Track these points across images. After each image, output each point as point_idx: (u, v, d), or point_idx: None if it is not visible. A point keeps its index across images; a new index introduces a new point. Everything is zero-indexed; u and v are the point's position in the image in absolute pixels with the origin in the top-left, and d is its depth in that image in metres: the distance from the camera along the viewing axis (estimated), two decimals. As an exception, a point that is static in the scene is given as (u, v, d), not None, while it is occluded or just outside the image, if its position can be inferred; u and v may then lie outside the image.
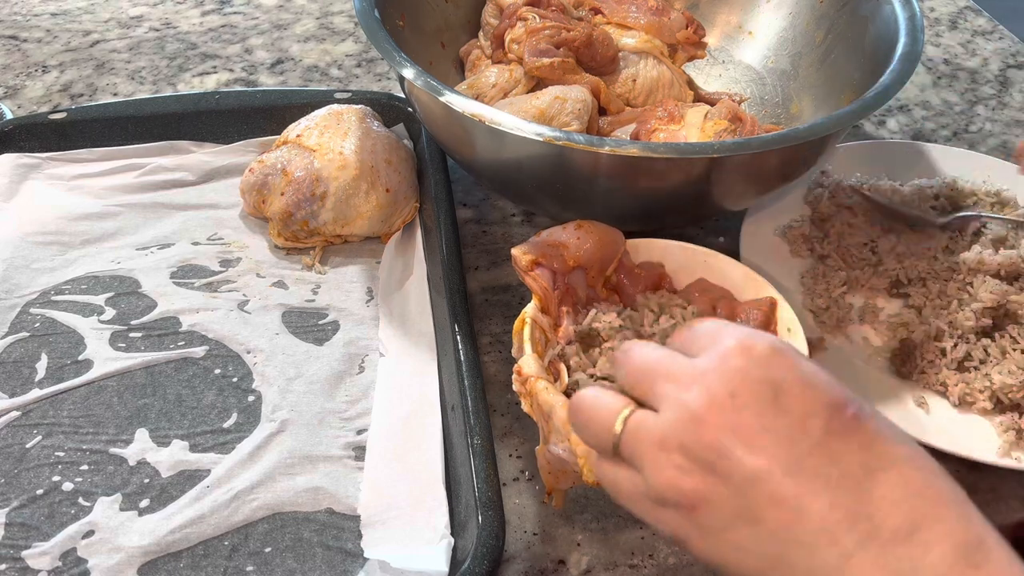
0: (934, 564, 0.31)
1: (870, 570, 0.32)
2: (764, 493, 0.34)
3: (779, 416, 0.34)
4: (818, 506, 0.33)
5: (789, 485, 0.33)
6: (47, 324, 0.65)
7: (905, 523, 0.32)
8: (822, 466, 0.33)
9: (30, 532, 0.53)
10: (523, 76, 0.72)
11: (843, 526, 0.33)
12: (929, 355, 0.61)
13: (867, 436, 0.34)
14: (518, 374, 0.49)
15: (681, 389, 0.36)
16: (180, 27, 0.99)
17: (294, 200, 0.70)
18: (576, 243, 0.56)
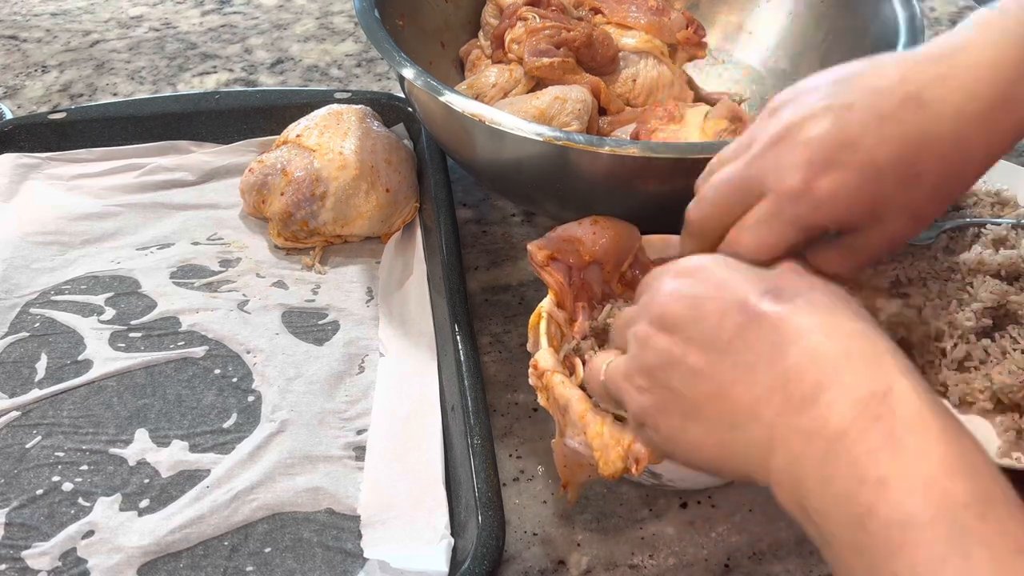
0: (837, 421, 0.34)
1: (788, 436, 0.35)
2: (700, 390, 0.38)
3: (700, 321, 0.39)
4: (739, 389, 0.37)
5: (715, 378, 0.38)
6: (47, 324, 0.65)
7: (811, 387, 0.35)
8: (739, 354, 0.37)
9: (30, 532, 0.53)
10: (523, 76, 0.72)
11: (762, 402, 0.36)
12: (929, 355, 0.61)
13: (777, 317, 0.37)
14: (534, 368, 0.49)
15: (633, 327, 0.42)
16: (180, 27, 0.99)
17: (294, 200, 0.70)
18: (592, 238, 0.56)
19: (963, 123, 0.40)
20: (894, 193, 0.41)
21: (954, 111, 0.40)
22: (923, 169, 0.40)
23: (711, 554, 0.53)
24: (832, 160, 0.41)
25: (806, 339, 0.36)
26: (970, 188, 0.42)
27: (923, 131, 0.40)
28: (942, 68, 0.40)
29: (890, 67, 0.42)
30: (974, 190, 0.72)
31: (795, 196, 0.41)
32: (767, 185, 0.42)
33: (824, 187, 0.41)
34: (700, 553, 0.53)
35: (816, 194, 0.41)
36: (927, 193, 0.41)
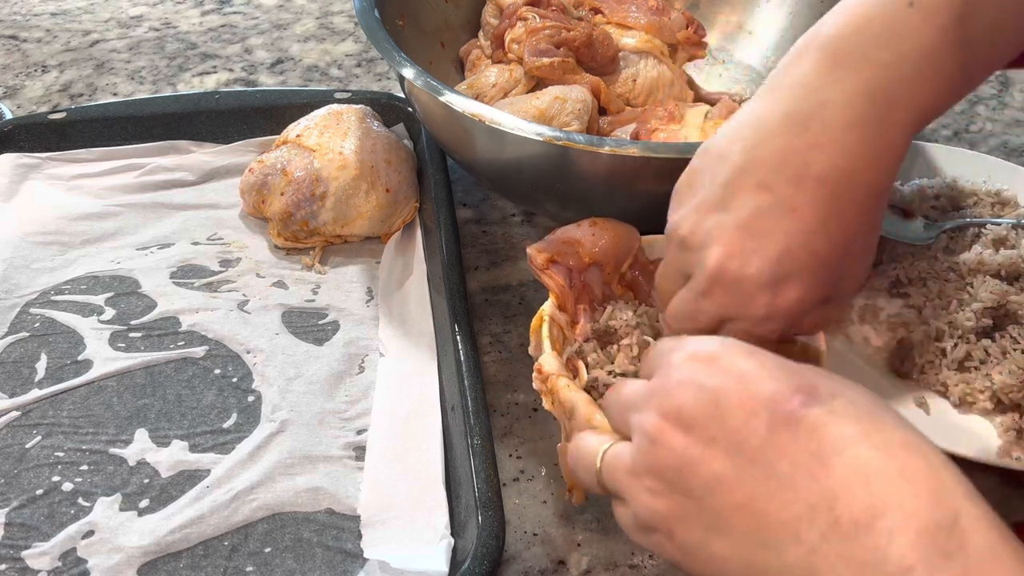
0: (900, 556, 0.29)
1: (836, 565, 0.31)
2: (725, 502, 0.34)
3: (722, 421, 0.34)
4: (774, 506, 0.32)
5: (743, 488, 0.33)
6: (47, 324, 0.65)
7: (865, 511, 0.31)
8: (772, 463, 0.33)
9: (30, 532, 0.53)
10: (523, 76, 0.72)
11: (803, 522, 0.32)
12: (929, 355, 0.61)
13: (814, 422, 0.33)
14: (538, 372, 0.49)
15: (640, 414, 0.37)
16: (180, 27, 0.99)
17: (294, 200, 0.70)
18: (591, 240, 0.56)
19: (859, 175, 0.40)
20: (843, 260, 0.42)
21: (849, 171, 0.40)
22: (852, 228, 0.41)
23: (711, 554, 0.53)
24: (781, 275, 0.41)
25: (852, 451, 0.32)
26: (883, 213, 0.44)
27: (833, 204, 0.40)
28: (813, 136, 0.40)
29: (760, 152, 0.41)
30: (974, 190, 0.72)
31: (764, 318, 0.42)
32: (730, 314, 0.43)
33: (790, 299, 0.41)
34: (700, 553, 0.53)
35: (784, 309, 0.42)
36: (863, 239, 0.42)
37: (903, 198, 0.71)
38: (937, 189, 0.72)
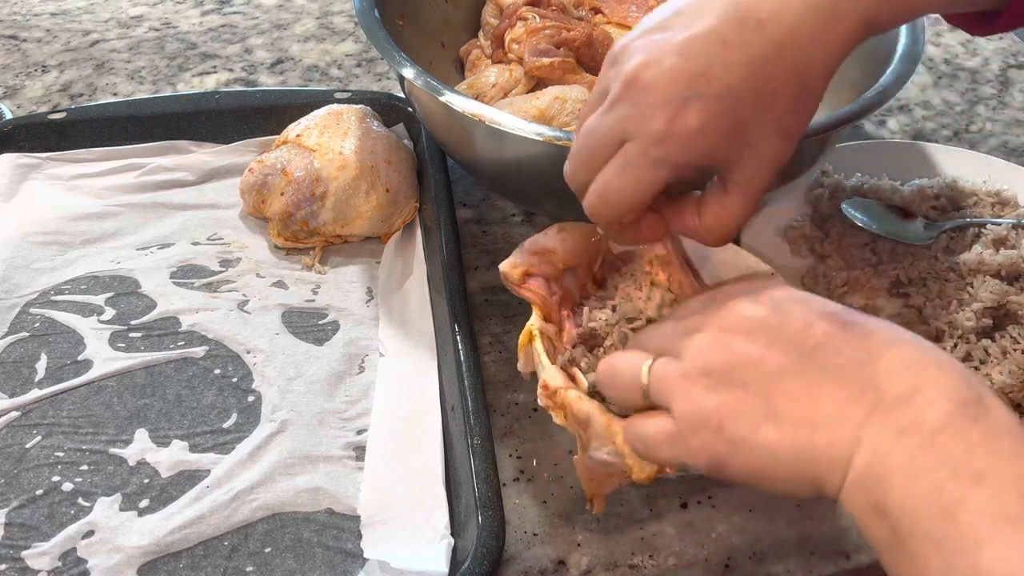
0: (935, 418, 0.34)
1: (878, 432, 0.35)
2: (781, 390, 0.37)
3: (784, 327, 0.39)
4: (829, 390, 0.37)
5: (801, 379, 0.37)
6: (47, 324, 0.65)
7: (907, 388, 0.35)
8: (828, 358, 0.37)
9: (30, 532, 0.53)
10: (523, 76, 0.72)
11: (852, 402, 0.36)
12: (929, 355, 0.61)
13: (865, 331, 0.38)
14: (545, 389, 0.48)
15: (695, 334, 0.41)
16: (180, 27, 0.99)
17: (294, 200, 0.70)
18: (562, 246, 0.55)
19: (800, 39, 0.42)
20: (755, 114, 0.42)
21: (791, 29, 0.42)
22: (775, 86, 0.42)
23: (711, 554, 0.53)
24: (689, 94, 0.41)
25: (898, 348, 0.37)
26: (821, 99, 0.45)
27: (766, 51, 0.42)
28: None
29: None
30: (974, 190, 0.72)
31: (661, 136, 0.42)
32: (629, 131, 0.43)
33: (689, 122, 0.42)
34: (700, 553, 0.53)
35: (682, 130, 0.42)
36: (786, 108, 0.43)
37: (903, 198, 0.71)
38: (937, 189, 0.72)
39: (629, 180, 0.44)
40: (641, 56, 0.43)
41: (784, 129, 0.43)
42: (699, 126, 0.42)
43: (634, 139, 0.43)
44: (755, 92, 0.42)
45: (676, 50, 0.42)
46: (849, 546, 0.54)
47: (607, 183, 0.45)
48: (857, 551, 0.53)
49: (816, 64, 0.43)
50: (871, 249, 0.68)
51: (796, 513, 0.55)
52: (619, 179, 0.44)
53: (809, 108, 0.44)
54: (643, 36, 0.44)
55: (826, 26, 0.42)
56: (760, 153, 0.43)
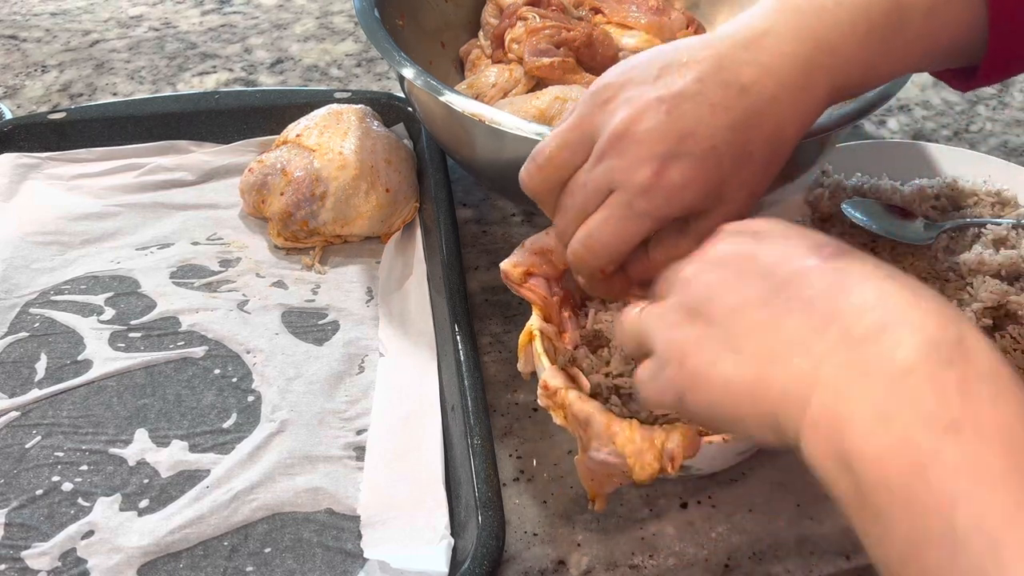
0: (903, 359, 0.31)
1: (838, 371, 0.32)
2: (744, 322, 0.36)
3: (758, 258, 0.38)
4: (791, 321, 0.35)
5: (766, 307, 0.36)
6: (47, 324, 0.65)
7: (875, 324, 0.32)
8: (798, 289, 0.35)
9: (30, 532, 0.53)
10: (523, 76, 0.72)
11: (815, 335, 0.34)
12: (929, 355, 0.61)
13: (846, 262, 0.36)
14: (545, 389, 0.48)
15: (680, 274, 0.41)
16: (180, 27, 0.99)
17: (294, 200, 0.70)
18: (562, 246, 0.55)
19: (778, 106, 0.44)
20: (732, 173, 0.44)
21: (770, 96, 0.44)
22: (753, 148, 0.44)
23: (711, 554, 0.53)
24: (676, 152, 0.43)
25: (873, 281, 0.34)
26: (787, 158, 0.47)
27: (748, 116, 0.44)
28: (752, 54, 0.44)
29: (705, 53, 0.45)
30: (974, 190, 0.72)
31: (646, 189, 0.44)
32: (616, 181, 0.44)
33: (673, 178, 0.43)
34: (700, 553, 0.53)
35: (666, 186, 0.43)
36: (759, 167, 0.45)
37: (903, 198, 0.71)
38: (937, 189, 0.72)
39: (614, 229, 0.45)
40: (629, 110, 0.44)
41: (753, 186, 0.45)
42: (683, 182, 0.43)
43: (620, 189, 0.44)
44: (735, 153, 0.44)
45: (664, 108, 0.43)
46: (849, 546, 0.54)
47: (591, 231, 0.46)
48: (857, 551, 0.53)
49: (790, 129, 0.45)
50: (871, 249, 0.68)
51: (796, 513, 0.55)
52: (603, 228, 0.45)
53: (777, 168, 0.46)
54: (629, 86, 0.45)
55: (802, 92, 0.44)
56: (728, 207, 0.45)
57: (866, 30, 0.44)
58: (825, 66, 0.44)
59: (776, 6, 0.45)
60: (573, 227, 0.47)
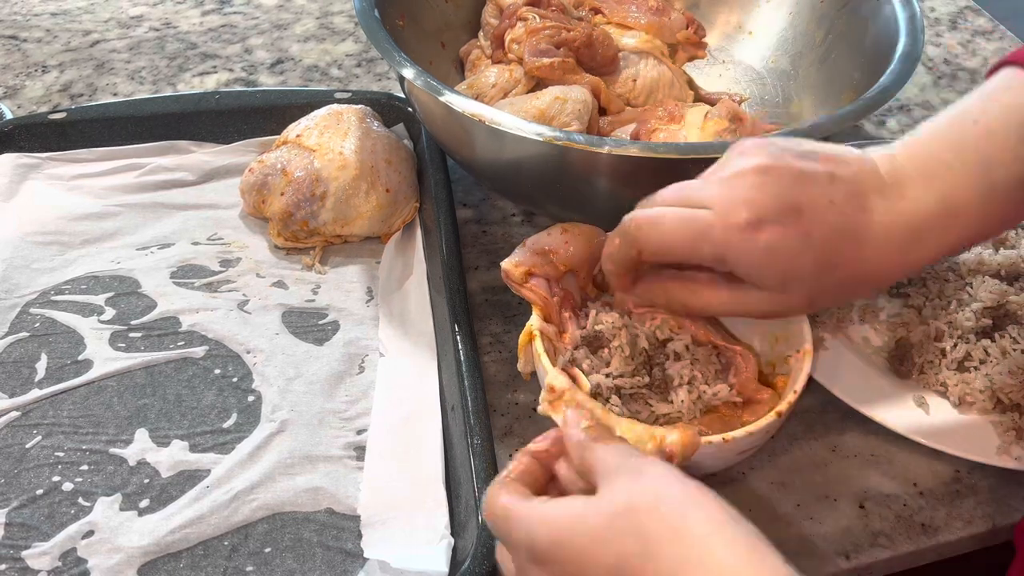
0: None
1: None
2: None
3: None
4: None
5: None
6: (47, 324, 0.65)
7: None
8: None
9: (30, 532, 0.53)
10: (523, 76, 0.72)
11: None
12: (929, 355, 0.61)
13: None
14: (552, 391, 0.48)
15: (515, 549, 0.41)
16: (180, 27, 0.99)
17: (294, 200, 0.70)
18: (564, 247, 0.56)
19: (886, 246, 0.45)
20: (808, 272, 0.45)
21: (883, 232, 0.45)
22: (840, 262, 0.45)
23: (711, 554, 0.53)
24: (777, 218, 0.44)
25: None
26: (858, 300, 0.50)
27: (857, 232, 0.45)
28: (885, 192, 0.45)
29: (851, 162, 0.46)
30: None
31: (732, 228, 0.44)
32: (712, 201, 0.45)
33: (761, 239, 0.44)
34: (700, 553, 0.53)
35: (750, 240, 0.44)
36: (832, 285, 0.46)
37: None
38: (937, 189, 0.72)
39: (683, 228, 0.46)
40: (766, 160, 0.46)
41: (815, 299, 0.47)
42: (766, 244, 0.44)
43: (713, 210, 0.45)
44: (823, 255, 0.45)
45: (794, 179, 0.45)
46: (849, 546, 0.54)
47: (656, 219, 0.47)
48: (857, 551, 0.53)
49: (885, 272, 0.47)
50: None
51: (796, 513, 0.55)
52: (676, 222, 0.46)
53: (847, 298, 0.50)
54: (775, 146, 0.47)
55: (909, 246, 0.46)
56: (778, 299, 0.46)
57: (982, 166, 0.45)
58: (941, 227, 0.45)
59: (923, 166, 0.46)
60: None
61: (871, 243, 0.45)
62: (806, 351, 0.52)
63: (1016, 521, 0.55)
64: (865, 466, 0.58)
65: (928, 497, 0.56)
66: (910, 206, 0.45)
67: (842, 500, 0.56)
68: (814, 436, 0.59)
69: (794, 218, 0.44)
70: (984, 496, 0.56)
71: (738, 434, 0.48)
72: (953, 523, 0.55)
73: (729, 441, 0.47)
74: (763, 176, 0.45)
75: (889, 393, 0.60)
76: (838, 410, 0.59)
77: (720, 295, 0.48)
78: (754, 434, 0.48)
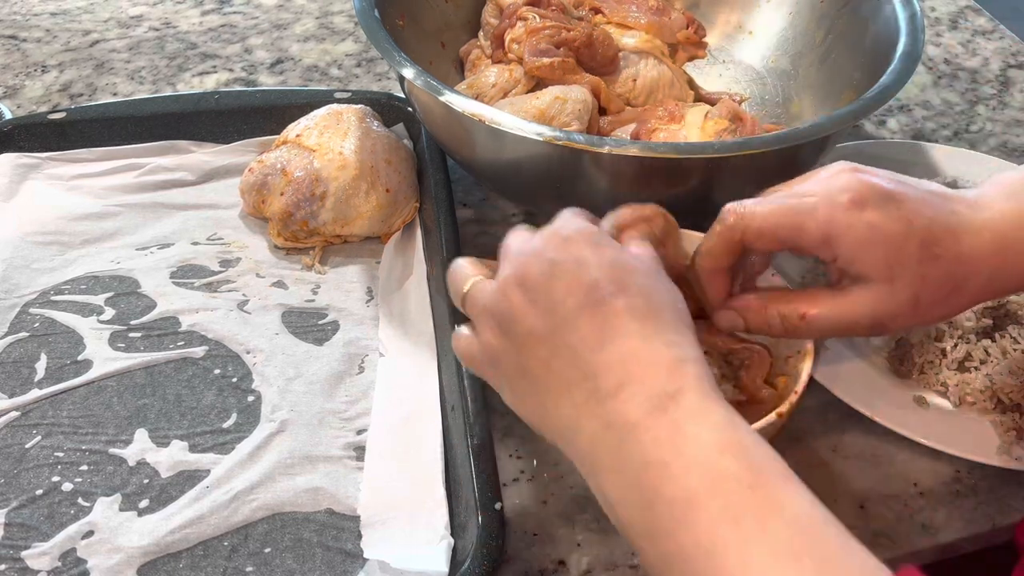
0: (630, 412, 0.38)
1: (590, 420, 0.40)
2: (530, 352, 0.42)
3: (549, 291, 0.42)
4: (559, 365, 0.41)
5: (544, 348, 0.41)
6: (47, 324, 0.65)
7: (615, 383, 0.39)
8: (570, 332, 0.41)
9: (30, 532, 0.53)
10: (523, 76, 0.72)
11: (575, 383, 0.40)
12: (929, 355, 0.61)
13: (610, 312, 0.41)
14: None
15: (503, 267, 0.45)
16: (180, 27, 0.99)
17: (294, 200, 0.70)
18: None
19: (980, 244, 0.46)
20: (913, 257, 0.45)
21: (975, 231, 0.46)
22: (942, 253, 0.45)
23: (711, 554, 0.53)
24: (878, 203, 0.45)
25: (624, 340, 0.40)
26: (952, 316, 0.49)
27: (952, 226, 0.45)
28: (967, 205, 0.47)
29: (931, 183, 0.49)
30: (974, 190, 0.72)
31: (837, 206, 0.45)
32: (814, 190, 0.47)
33: (865, 216, 0.45)
34: (700, 553, 0.53)
35: (855, 216, 0.45)
36: (935, 281, 0.46)
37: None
38: (937, 189, 0.72)
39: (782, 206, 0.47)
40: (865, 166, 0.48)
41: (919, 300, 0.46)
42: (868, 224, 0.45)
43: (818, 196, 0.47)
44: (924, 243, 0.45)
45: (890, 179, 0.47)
46: (849, 546, 0.53)
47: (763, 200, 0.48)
48: (857, 551, 0.53)
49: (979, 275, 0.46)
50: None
51: (796, 513, 0.55)
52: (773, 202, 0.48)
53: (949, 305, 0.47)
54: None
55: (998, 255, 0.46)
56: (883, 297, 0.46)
57: None
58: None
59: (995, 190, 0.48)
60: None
61: (966, 239, 0.45)
62: (807, 351, 0.52)
63: (1016, 521, 0.55)
64: (865, 466, 0.58)
65: (928, 497, 0.56)
66: (995, 214, 0.46)
67: (842, 500, 0.56)
68: (814, 436, 0.59)
69: (894, 204, 0.45)
70: (984, 496, 0.56)
71: None
72: (953, 523, 0.55)
73: None
74: (859, 173, 0.46)
75: (889, 393, 0.60)
76: (838, 410, 0.59)
77: (821, 298, 0.48)
78: None
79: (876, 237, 0.45)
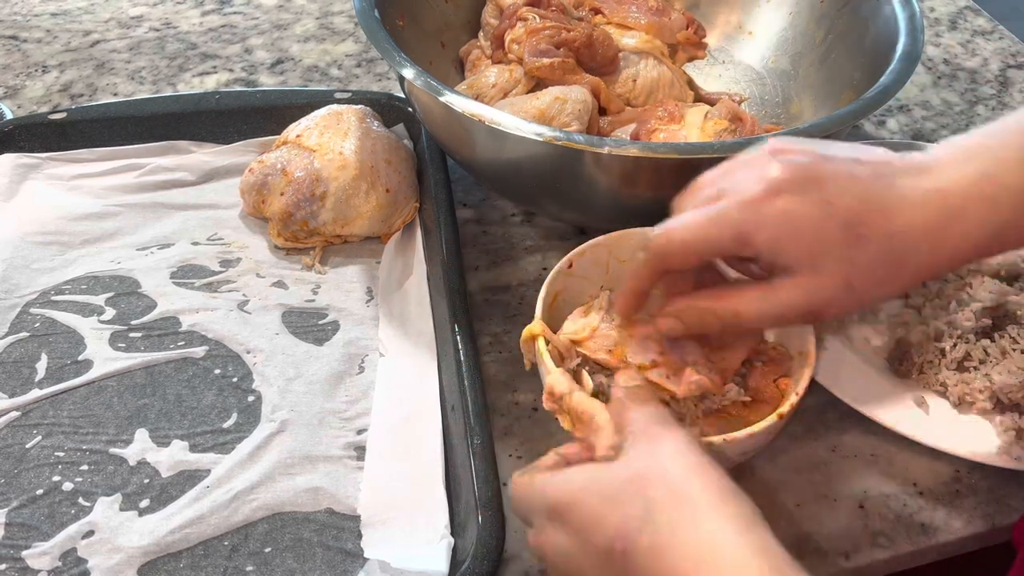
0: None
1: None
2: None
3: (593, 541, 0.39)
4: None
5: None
6: (47, 324, 0.65)
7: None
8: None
9: (30, 532, 0.53)
10: (523, 76, 0.72)
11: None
12: (928, 355, 0.61)
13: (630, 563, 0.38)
14: (551, 394, 0.48)
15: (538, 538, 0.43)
16: (180, 27, 0.99)
17: (294, 200, 0.70)
18: None
19: (920, 218, 0.43)
20: (836, 242, 0.43)
21: (917, 202, 0.43)
22: (869, 234, 0.42)
23: (711, 554, 0.53)
24: (795, 188, 0.43)
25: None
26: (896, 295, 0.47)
27: (883, 201, 0.43)
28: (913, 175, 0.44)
29: (877, 152, 0.45)
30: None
31: (747, 203, 0.43)
32: (728, 188, 0.44)
33: (778, 205, 0.42)
34: (700, 553, 0.53)
35: (767, 208, 0.43)
36: (867, 264, 0.43)
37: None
38: (937, 189, 0.72)
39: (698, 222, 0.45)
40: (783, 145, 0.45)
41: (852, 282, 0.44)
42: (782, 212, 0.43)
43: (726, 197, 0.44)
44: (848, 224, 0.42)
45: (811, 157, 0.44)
46: (849, 546, 0.54)
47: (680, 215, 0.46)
48: (857, 551, 0.53)
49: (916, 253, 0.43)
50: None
51: (796, 513, 0.55)
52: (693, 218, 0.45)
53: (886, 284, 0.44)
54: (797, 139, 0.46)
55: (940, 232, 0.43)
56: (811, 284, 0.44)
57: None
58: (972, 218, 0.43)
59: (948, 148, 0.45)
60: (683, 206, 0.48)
61: (901, 214, 0.42)
62: (808, 352, 0.52)
63: (1016, 521, 0.55)
64: (865, 466, 0.58)
65: (928, 497, 0.56)
66: (946, 179, 0.43)
67: (842, 500, 0.56)
68: (814, 436, 0.59)
69: (814, 187, 0.42)
70: (984, 496, 0.56)
71: (739, 435, 0.48)
72: (953, 523, 0.55)
73: (730, 441, 0.47)
74: (779, 156, 0.44)
75: (889, 393, 0.60)
76: (838, 410, 0.59)
77: (750, 295, 0.45)
78: (755, 435, 0.48)
79: (793, 225, 0.42)
